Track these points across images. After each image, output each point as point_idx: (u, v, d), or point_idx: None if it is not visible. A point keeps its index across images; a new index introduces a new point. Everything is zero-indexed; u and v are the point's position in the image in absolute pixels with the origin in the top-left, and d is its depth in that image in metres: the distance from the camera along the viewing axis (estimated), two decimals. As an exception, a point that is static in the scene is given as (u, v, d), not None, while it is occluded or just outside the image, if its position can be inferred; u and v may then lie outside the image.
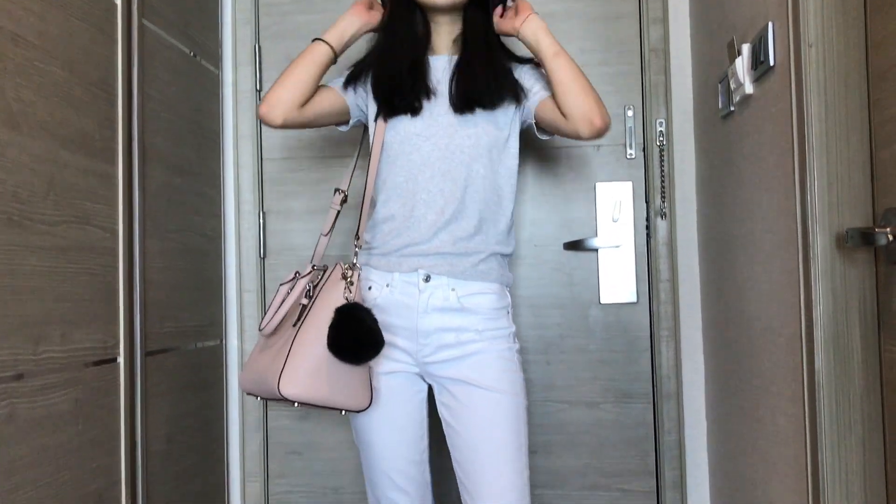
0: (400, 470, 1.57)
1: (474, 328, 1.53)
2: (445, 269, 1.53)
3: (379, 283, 1.55)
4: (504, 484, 1.49)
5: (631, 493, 2.03)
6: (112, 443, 1.50)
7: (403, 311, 1.53)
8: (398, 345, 1.54)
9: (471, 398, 1.51)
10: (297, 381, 1.41)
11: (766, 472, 1.55)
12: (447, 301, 1.52)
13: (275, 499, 2.09)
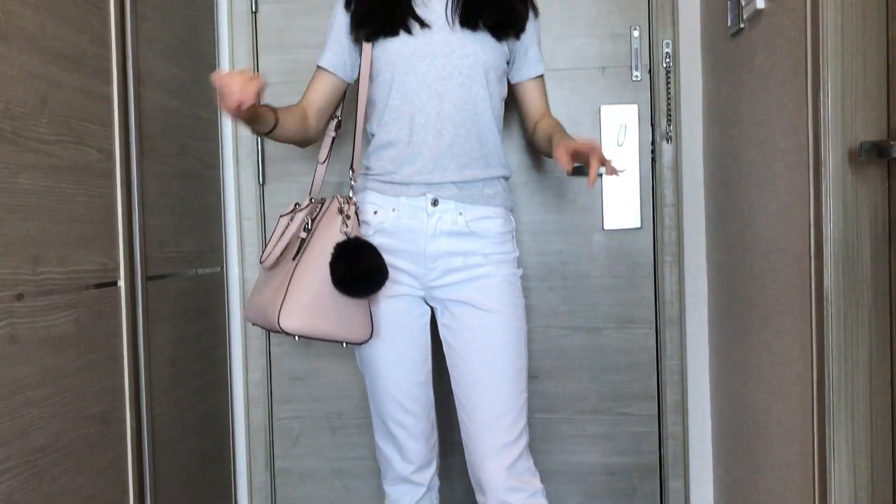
0: (406, 392, 1.57)
1: (481, 252, 1.52)
2: (452, 194, 1.52)
3: (384, 207, 1.53)
4: (502, 405, 1.50)
5: (632, 416, 2.04)
6: (115, 365, 1.49)
7: (410, 236, 1.52)
8: (404, 268, 1.53)
9: (474, 320, 1.52)
10: (297, 315, 1.41)
11: (770, 394, 1.55)
12: (455, 225, 1.52)
13: (279, 424, 2.11)
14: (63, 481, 1.31)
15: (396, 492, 1.65)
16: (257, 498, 2.10)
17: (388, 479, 1.66)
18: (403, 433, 1.59)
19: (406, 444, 1.60)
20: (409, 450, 1.61)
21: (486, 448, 1.50)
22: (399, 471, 1.63)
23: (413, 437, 1.60)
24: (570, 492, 2.06)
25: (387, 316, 1.54)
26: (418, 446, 1.61)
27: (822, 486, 1.28)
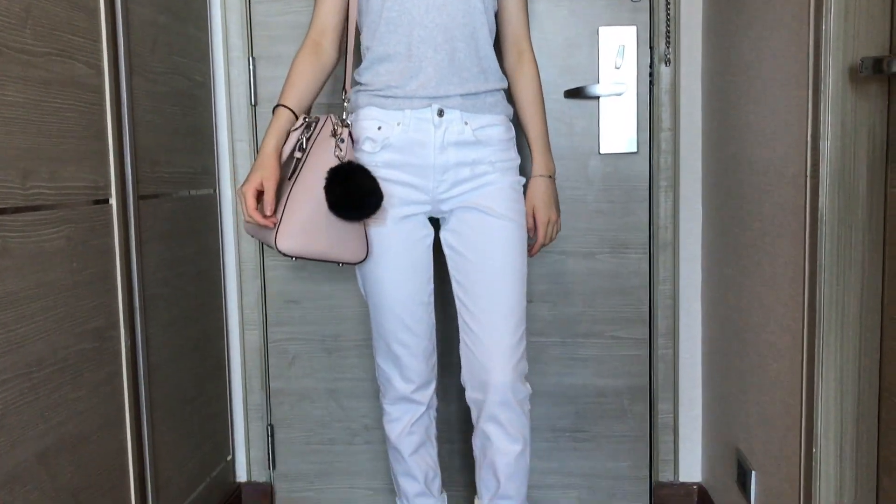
0: (409, 311, 1.60)
1: (488, 160, 1.55)
2: (457, 104, 1.52)
3: (389, 122, 1.52)
4: (510, 305, 1.55)
5: (623, 340, 2.06)
6: (108, 283, 1.49)
7: (418, 149, 1.52)
8: (413, 183, 1.53)
9: (482, 224, 1.55)
10: (294, 236, 1.42)
11: (762, 316, 1.56)
12: (462, 135, 1.52)
13: (274, 346, 2.12)
14: (58, 395, 1.33)
15: (396, 410, 1.69)
16: (253, 418, 2.13)
17: (387, 397, 1.69)
18: (405, 352, 1.62)
19: (407, 364, 1.63)
20: (409, 369, 1.64)
21: (494, 347, 1.54)
22: (399, 390, 1.66)
23: (414, 357, 1.63)
24: (561, 413, 2.09)
25: (393, 236, 1.55)
26: (419, 366, 1.64)
27: (809, 404, 1.30)
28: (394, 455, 1.73)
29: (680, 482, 2.08)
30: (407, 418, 1.68)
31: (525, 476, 1.67)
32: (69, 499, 1.35)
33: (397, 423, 1.70)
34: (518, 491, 1.65)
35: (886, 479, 1.21)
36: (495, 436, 1.61)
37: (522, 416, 1.62)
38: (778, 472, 1.47)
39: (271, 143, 1.50)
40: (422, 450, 1.72)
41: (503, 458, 1.62)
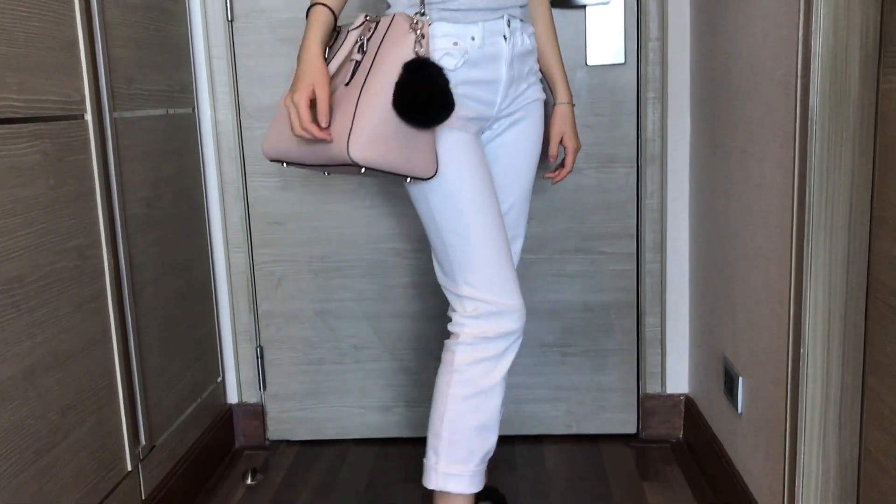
0: (497, 213, 1.43)
1: (535, 71, 1.53)
2: (518, 13, 1.46)
3: (463, 35, 1.37)
4: (522, 222, 1.58)
5: (611, 255, 2.06)
6: (88, 201, 1.46)
7: (492, 64, 1.41)
8: (486, 100, 1.42)
9: (519, 141, 1.52)
10: (370, 144, 1.24)
11: (750, 223, 1.55)
12: (524, 45, 1.47)
13: (260, 268, 2.11)
14: (42, 312, 1.31)
15: (496, 345, 1.43)
16: (242, 339, 2.13)
17: (491, 332, 1.42)
18: (510, 265, 1.44)
19: (514, 278, 1.44)
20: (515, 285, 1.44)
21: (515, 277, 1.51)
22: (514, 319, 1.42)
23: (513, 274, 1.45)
24: (549, 329, 2.10)
25: (467, 148, 1.39)
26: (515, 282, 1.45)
27: (797, 306, 1.30)
28: (475, 403, 1.44)
29: (667, 394, 2.10)
30: (510, 355, 1.44)
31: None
32: (57, 417, 1.35)
33: (498, 362, 1.43)
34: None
35: (872, 378, 1.23)
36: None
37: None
38: (765, 376, 1.49)
39: (317, 47, 1.29)
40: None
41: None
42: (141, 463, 1.63)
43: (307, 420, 2.17)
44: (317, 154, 1.30)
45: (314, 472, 2.02)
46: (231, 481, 1.98)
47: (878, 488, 1.20)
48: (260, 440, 2.17)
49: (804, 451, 1.30)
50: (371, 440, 2.17)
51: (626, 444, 2.11)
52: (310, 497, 1.89)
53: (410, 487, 1.91)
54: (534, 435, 2.15)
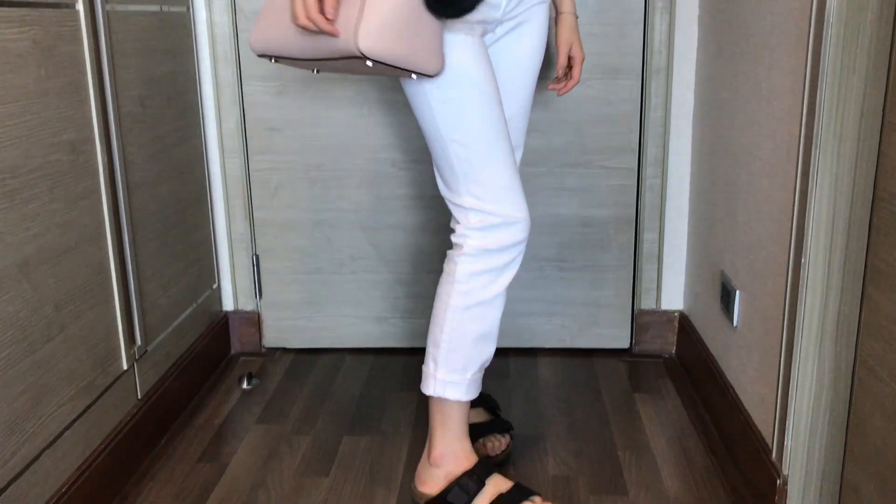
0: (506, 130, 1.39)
1: None
2: None
3: None
4: (523, 132, 1.55)
5: (612, 170, 2.04)
6: (81, 95, 1.42)
7: None
8: (491, 2, 1.35)
9: (521, 45, 1.47)
10: (378, 35, 1.17)
11: (756, 134, 1.53)
12: None
13: (256, 175, 2.08)
14: (36, 204, 1.29)
15: (502, 257, 1.40)
16: (238, 247, 2.12)
17: (495, 245, 1.39)
18: (516, 180, 1.40)
19: (518, 187, 1.40)
20: (521, 195, 1.41)
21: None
22: (519, 230, 1.40)
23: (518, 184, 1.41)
24: (546, 243, 2.09)
25: (478, 52, 1.34)
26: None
27: (800, 216, 1.29)
28: (477, 313, 1.43)
29: (662, 310, 2.11)
30: (514, 266, 1.42)
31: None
32: (52, 311, 1.34)
33: (502, 272, 1.41)
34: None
35: (872, 288, 1.22)
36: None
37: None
38: (763, 289, 1.49)
39: None
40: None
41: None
42: (136, 363, 1.64)
43: (303, 329, 2.18)
44: (317, 47, 1.24)
45: (310, 378, 2.04)
46: (227, 385, 2.00)
47: (871, 395, 1.21)
48: (256, 347, 2.18)
49: (799, 362, 1.31)
50: (366, 350, 2.19)
51: (619, 359, 2.12)
52: (305, 402, 1.91)
53: (404, 396, 1.93)
54: (528, 347, 2.16)
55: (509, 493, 1.43)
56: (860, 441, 1.25)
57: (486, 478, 1.44)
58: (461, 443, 1.47)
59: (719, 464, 1.62)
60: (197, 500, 1.52)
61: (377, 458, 1.67)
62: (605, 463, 1.63)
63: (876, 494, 1.20)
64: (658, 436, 1.73)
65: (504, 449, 1.63)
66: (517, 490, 1.44)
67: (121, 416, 1.57)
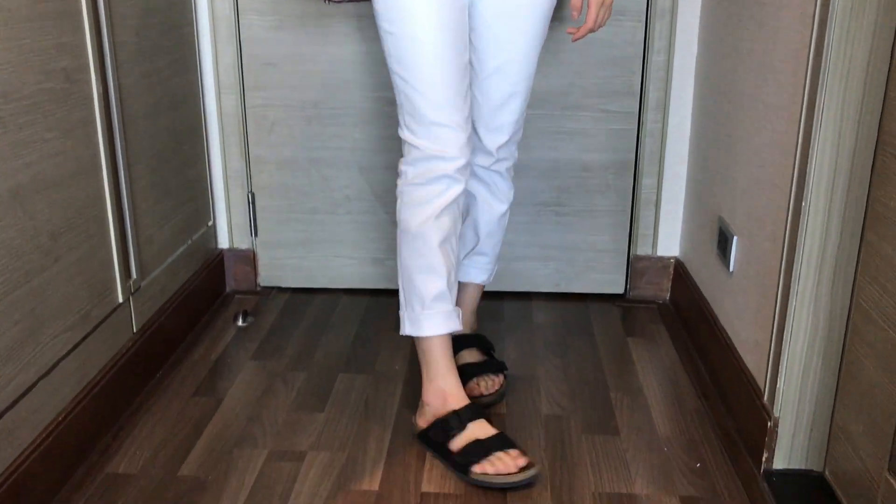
0: (456, 63, 1.37)
1: None
2: None
3: None
4: (523, 87, 1.52)
5: (612, 114, 2.01)
6: (75, 22, 1.39)
7: None
8: None
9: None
10: None
11: (761, 76, 1.51)
12: None
13: (252, 111, 2.05)
14: (29, 132, 1.27)
15: (428, 191, 1.41)
16: (233, 185, 2.10)
17: (421, 178, 1.41)
18: (451, 119, 1.39)
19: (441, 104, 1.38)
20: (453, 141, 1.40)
21: (494, 121, 1.52)
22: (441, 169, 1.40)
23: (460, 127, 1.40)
24: (544, 187, 2.08)
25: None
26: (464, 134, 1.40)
27: (803, 160, 1.28)
28: (414, 246, 1.44)
29: (657, 256, 2.11)
30: (441, 199, 1.41)
31: (501, 237, 1.69)
32: (48, 240, 1.33)
33: (426, 206, 1.41)
34: (493, 249, 1.68)
35: (871, 233, 1.22)
36: (481, 195, 1.61)
37: (508, 180, 1.62)
38: (761, 234, 1.48)
39: None
40: (451, 240, 1.45)
41: (485, 216, 1.63)
42: (132, 296, 1.63)
43: (299, 268, 2.17)
44: None
45: (305, 317, 2.04)
46: (222, 322, 2.00)
47: (864, 339, 1.22)
48: (251, 285, 2.18)
49: (795, 306, 1.31)
50: (361, 290, 2.19)
51: (613, 304, 2.13)
52: (300, 340, 1.91)
53: (400, 336, 1.93)
54: (523, 292, 2.17)
55: (487, 440, 1.40)
56: (851, 384, 1.27)
57: (469, 420, 1.43)
58: (444, 380, 1.47)
59: (710, 407, 1.63)
60: (192, 433, 1.53)
61: (372, 395, 1.68)
62: (598, 404, 1.64)
63: (864, 436, 1.21)
64: (650, 379, 1.75)
65: (497, 389, 1.65)
66: (496, 439, 1.40)
67: (116, 348, 1.57)
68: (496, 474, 1.36)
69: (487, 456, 1.37)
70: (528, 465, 1.36)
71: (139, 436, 1.52)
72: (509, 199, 1.64)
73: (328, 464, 1.44)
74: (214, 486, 1.38)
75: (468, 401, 1.47)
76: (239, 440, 1.51)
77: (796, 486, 1.35)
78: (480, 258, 1.68)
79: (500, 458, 1.37)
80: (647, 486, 1.39)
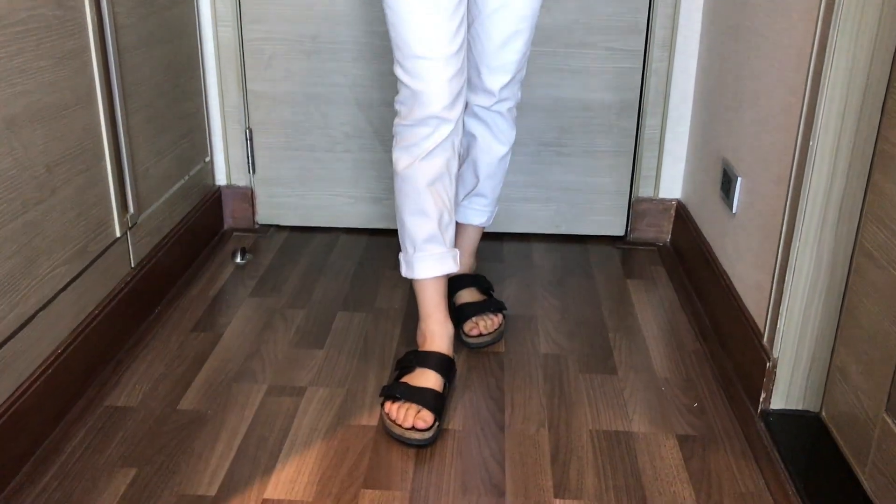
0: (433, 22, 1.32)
1: None
2: None
3: None
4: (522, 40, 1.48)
5: (617, 52, 1.98)
6: (66, -54, 1.35)
7: None
8: None
9: None
10: None
11: (770, 14, 1.47)
12: None
13: (250, 45, 2.01)
14: (22, 60, 1.24)
15: (413, 133, 1.39)
16: (230, 121, 2.07)
17: (408, 119, 1.39)
18: (427, 65, 1.34)
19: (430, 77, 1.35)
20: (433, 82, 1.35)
21: (495, 62, 1.48)
22: (420, 111, 1.37)
23: (445, 63, 1.34)
24: (545, 126, 2.05)
25: None
26: (451, 73, 1.35)
27: (811, 99, 1.25)
28: (404, 189, 1.43)
29: (659, 198, 2.10)
30: (428, 142, 1.38)
31: (502, 179, 1.66)
32: (43, 171, 1.31)
33: (413, 148, 1.39)
34: (493, 191, 1.66)
35: (878, 174, 1.20)
36: (481, 136, 1.59)
37: (510, 120, 1.59)
38: (766, 175, 1.47)
39: None
40: (440, 181, 1.42)
41: (485, 157, 1.61)
42: (129, 231, 1.62)
43: (297, 206, 2.16)
44: None
45: (303, 255, 2.03)
46: (220, 259, 1.99)
47: (867, 280, 1.21)
48: (249, 223, 2.16)
49: (798, 247, 1.30)
50: (360, 230, 2.17)
51: (613, 246, 2.12)
52: (299, 278, 1.91)
53: (399, 275, 1.92)
54: (522, 233, 2.16)
55: (414, 389, 1.37)
56: (851, 325, 1.26)
57: (420, 366, 1.42)
58: (429, 321, 1.47)
59: (709, 348, 1.64)
60: (191, 367, 1.53)
61: (371, 332, 1.68)
62: (596, 344, 1.65)
63: (862, 377, 1.22)
64: (649, 321, 1.75)
65: (497, 328, 1.65)
66: (421, 393, 1.37)
67: (114, 283, 1.56)
68: (392, 421, 1.35)
69: (402, 402, 1.36)
70: (424, 428, 1.32)
71: (138, 369, 1.52)
72: (510, 140, 1.60)
73: (328, 399, 1.45)
74: (214, 419, 1.38)
75: (444, 348, 1.45)
76: (238, 375, 1.51)
77: (793, 427, 1.36)
78: (479, 199, 1.66)
79: (406, 409, 1.35)
80: (644, 425, 1.40)
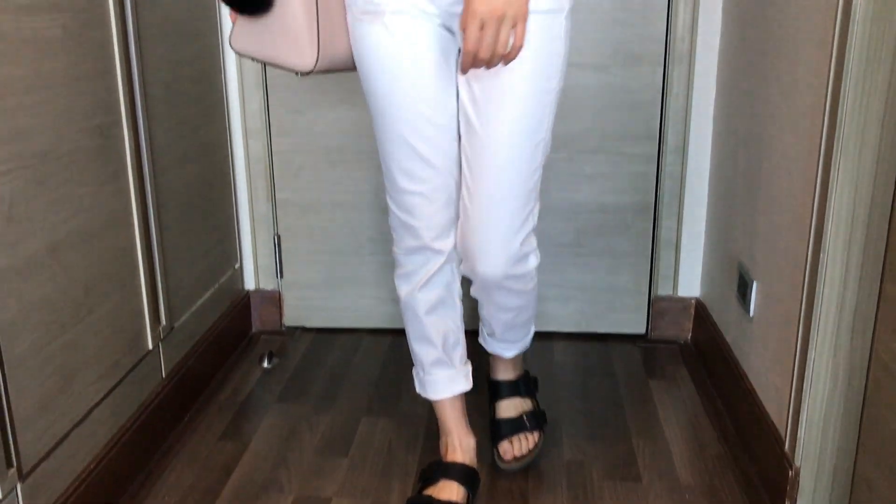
0: (420, 134, 1.29)
1: None
2: None
3: None
4: (515, 183, 1.30)
5: (632, 156, 2.04)
6: (109, 80, 1.45)
7: None
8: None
9: (499, 76, 1.22)
10: (239, 35, 1.29)
11: (777, 126, 1.53)
12: None
13: (278, 156, 2.10)
14: (65, 190, 1.32)
15: (410, 262, 1.41)
16: (260, 228, 2.14)
17: (400, 247, 1.41)
18: (417, 189, 1.32)
19: (421, 207, 1.34)
20: (424, 214, 1.34)
21: (487, 235, 1.31)
22: (412, 242, 1.38)
23: (429, 199, 1.33)
24: (563, 229, 2.10)
25: (387, 37, 1.24)
26: (437, 211, 1.34)
27: (820, 213, 1.29)
28: (406, 315, 1.46)
29: (678, 296, 2.12)
30: (423, 272, 1.40)
31: (526, 326, 1.54)
32: (82, 293, 1.37)
33: (411, 277, 1.42)
34: (516, 337, 1.55)
35: (889, 285, 1.23)
36: (486, 303, 1.47)
37: (518, 292, 1.42)
38: (780, 281, 1.50)
39: None
40: (440, 309, 1.43)
41: (500, 316, 1.48)
42: (161, 342, 1.67)
43: (323, 308, 2.21)
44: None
45: (329, 357, 2.07)
46: (248, 364, 2.04)
47: (885, 392, 1.23)
48: (276, 326, 2.21)
49: (815, 355, 1.32)
50: (384, 330, 2.21)
51: (635, 344, 2.14)
52: (325, 382, 1.94)
53: (422, 376, 1.96)
54: (544, 332, 2.18)
55: (435, 501, 1.41)
56: (873, 435, 1.27)
57: (443, 477, 1.45)
58: (449, 436, 1.51)
59: (732, 453, 1.64)
60: (220, 476, 1.56)
61: (395, 439, 1.70)
62: (619, 449, 1.65)
63: (888, 488, 1.22)
64: (672, 423, 1.75)
65: (533, 448, 1.59)
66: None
67: (146, 394, 1.61)
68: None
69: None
70: None
71: (168, 480, 1.55)
72: (526, 299, 1.46)
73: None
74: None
75: (468, 459, 1.49)
76: (265, 485, 1.53)
77: (819, 537, 1.35)
78: (503, 346, 1.57)
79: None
80: (669, 535, 1.39)
